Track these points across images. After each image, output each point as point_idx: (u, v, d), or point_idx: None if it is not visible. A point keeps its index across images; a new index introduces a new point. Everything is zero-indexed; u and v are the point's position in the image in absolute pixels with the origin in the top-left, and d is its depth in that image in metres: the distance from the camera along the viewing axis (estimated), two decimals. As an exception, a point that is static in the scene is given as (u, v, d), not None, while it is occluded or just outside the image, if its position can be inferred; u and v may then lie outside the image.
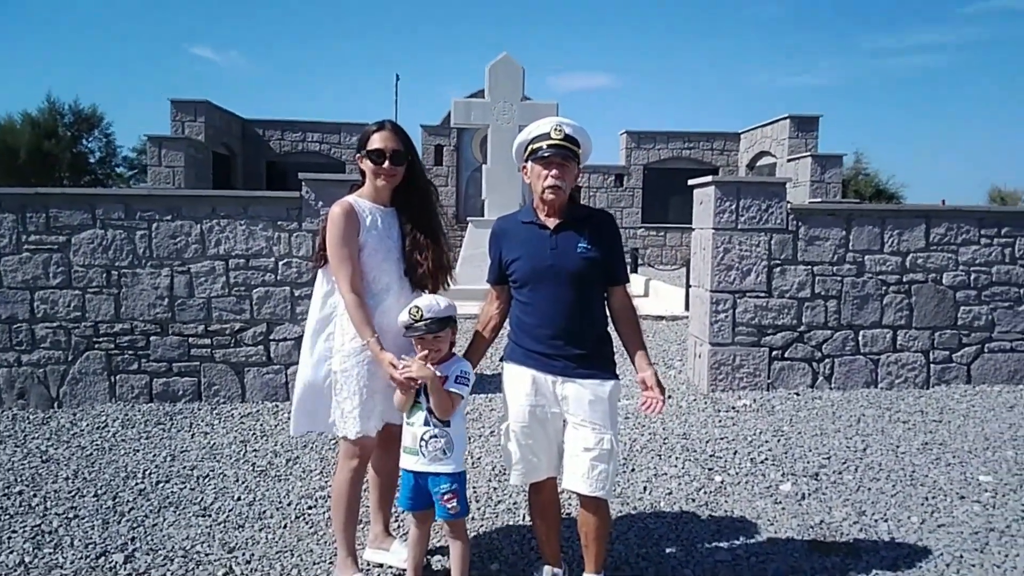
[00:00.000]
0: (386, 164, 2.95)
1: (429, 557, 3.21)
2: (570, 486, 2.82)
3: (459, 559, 2.87)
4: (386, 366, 2.76)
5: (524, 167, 2.87)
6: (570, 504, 3.71)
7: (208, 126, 17.45)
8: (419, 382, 2.77)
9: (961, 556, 3.38)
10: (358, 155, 3.02)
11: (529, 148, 2.83)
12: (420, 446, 2.80)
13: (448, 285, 3.15)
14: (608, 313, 2.96)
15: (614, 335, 2.95)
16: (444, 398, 2.76)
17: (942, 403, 5.92)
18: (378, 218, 2.97)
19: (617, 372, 2.93)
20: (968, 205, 6.55)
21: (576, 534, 3.42)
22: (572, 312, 2.80)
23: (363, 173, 3.05)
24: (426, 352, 2.78)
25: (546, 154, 2.75)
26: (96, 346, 5.64)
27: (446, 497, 2.80)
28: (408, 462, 2.84)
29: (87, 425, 5.24)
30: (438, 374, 2.77)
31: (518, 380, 2.87)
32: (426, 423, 2.80)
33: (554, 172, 2.75)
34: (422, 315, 2.75)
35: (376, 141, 2.95)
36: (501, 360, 3.02)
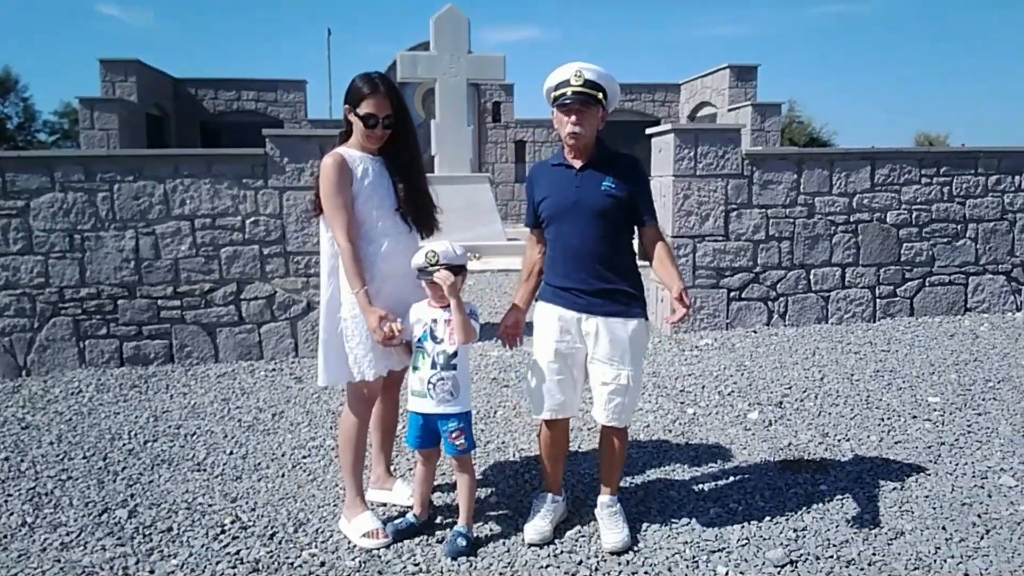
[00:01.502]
0: (378, 129, 3.00)
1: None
2: (593, 415, 3.06)
3: (466, 490, 3.03)
4: (372, 320, 2.82)
5: (553, 113, 2.94)
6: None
7: (140, 86, 16.74)
8: (403, 338, 2.88)
9: (918, 467, 3.70)
10: (346, 107, 3.04)
11: (553, 95, 2.90)
12: (428, 389, 2.91)
13: (439, 227, 3.24)
14: (636, 252, 3.04)
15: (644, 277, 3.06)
16: (465, 318, 2.86)
17: (888, 334, 6.30)
18: (369, 166, 3.02)
19: (647, 311, 3.02)
20: (909, 147, 6.89)
21: (574, 466, 3.65)
22: (595, 248, 2.90)
23: (348, 122, 3.08)
24: (442, 291, 2.88)
25: (567, 101, 2.82)
26: (62, 312, 5.55)
27: (454, 435, 2.94)
28: (417, 405, 2.96)
29: (60, 392, 5.19)
30: (447, 317, 2.89)
31: (546, 318, 3.00)
32: (432, 366, 2.91)
33: (573, 119, 2.83)
34: (438, 259, 2.84)
35: (369, 106, 2.94)
36: (536, 300, 3.15)
